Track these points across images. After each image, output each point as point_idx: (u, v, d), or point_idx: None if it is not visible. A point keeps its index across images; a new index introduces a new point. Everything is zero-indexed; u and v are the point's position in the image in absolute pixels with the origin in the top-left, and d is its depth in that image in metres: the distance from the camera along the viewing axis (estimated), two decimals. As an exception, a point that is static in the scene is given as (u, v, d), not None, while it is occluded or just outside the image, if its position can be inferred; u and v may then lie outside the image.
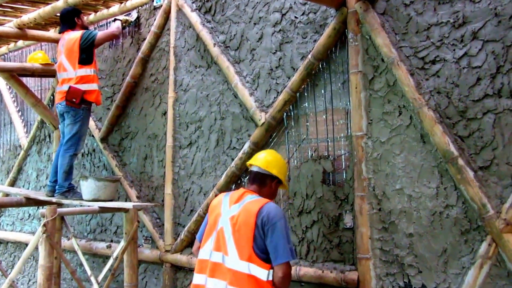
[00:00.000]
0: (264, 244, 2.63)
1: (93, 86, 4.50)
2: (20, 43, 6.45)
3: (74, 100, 4.41)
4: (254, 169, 2.96)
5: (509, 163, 2.63)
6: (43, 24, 5.60)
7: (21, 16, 5.41)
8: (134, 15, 5.00)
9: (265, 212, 2.65)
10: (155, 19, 4.79)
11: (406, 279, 2.97)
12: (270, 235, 2.61)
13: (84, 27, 4.73)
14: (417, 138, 2.98)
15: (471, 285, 2.70)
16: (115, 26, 4.73)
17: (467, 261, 2.75)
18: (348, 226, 3.26)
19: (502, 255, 2.62)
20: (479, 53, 2.76)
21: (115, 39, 4.96)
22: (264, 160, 2.94)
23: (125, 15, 5.03)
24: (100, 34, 4.56)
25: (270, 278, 2.58)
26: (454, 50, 2.85)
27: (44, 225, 3.80)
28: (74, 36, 4.52)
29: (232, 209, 2.77)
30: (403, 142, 3.03)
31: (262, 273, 2.58)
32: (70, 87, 4.43)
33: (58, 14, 5.21)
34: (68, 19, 4.66)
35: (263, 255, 2.62)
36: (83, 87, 4.45)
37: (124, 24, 4.95)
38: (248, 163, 3.07)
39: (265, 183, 2.91)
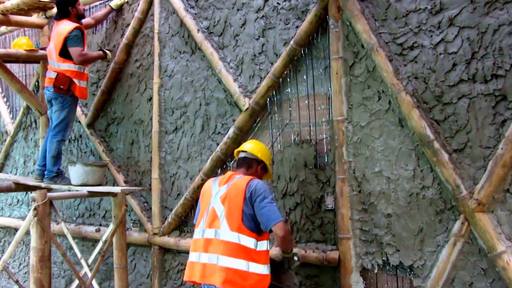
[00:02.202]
0: (253, 215, 2.88)
1: (75, 81, 4.51)
2: (3, 28, 6.39)
3: (62, 86, 4.44)
4: (242, 155, 3.24)
5: (482, 146, 2.74)
6: (26, 9, 5.55)
7: (4, 2, 5.37)
8: None
9: (253, 186, 2.94)
10: (138, 4, 4.79)
11: (384, 257, 3.11)
12: (259, 203, 2.88)
13: (80, 16, 4.65)
14: (395, 122, 3.08)
15: (445, 262, 2.84)
16: (96, 53, 4.65)
17: (441, 239, 2.88)
18: (329, 208, 3.37)
19: (474, 233, 2.75)
20: (455, 39, 2.84)
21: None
22: (250, 147, 3.23)
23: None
24: (79, 50, 4.39)
25: (259, 248, 2.86)
26: (431, 36, 2.93)
27: (35, 208, 3.87)
28: (64, 29, 4.44)
29: (221, 189, 3.04)
30: (382, 126, 3.13)
31: (250, 242, 2.85)
32: (58, 73, 4.46)
33: (45, 0, 5.22)
34: (62, 8, 4.57)
35: (251, 225, 2.88)
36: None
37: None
38: (235, 151, 3.31)
39: (251, 166, 3.19)
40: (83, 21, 4.88)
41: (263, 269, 2.85)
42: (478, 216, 2.71)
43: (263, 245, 2.90)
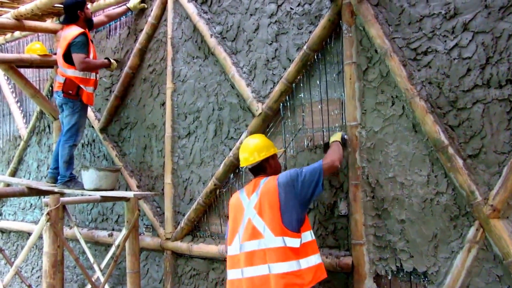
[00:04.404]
0: (294, 209, 2.88)
1: (82, 87, 4.54)
2: (17, 33, 6.47)
3: (71, 92, 4.48)
4: (248, 167, 3.20)
5: (496, 152, 2.72)
6: (40, 14, 5.63)
7: (18, 7, 5.44)
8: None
9: (281, 179, 2.96)
10: (152, 10, 4.83)
11: (398, 264, 3.09)
12: (299, 180, 2.93)
13: (88, 20, 4.65)
14: (409, 128, 3.07)
15: (459, 268, 2.81)
16: (100, 61, 4.66)
17: (456, 245, 2.86)
18: (342, 213, 3.36)
19: (489, 239, 2.73)
20: (469, 44, 2.83)
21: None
22: (249, 156, 3.17)
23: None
24: (81, 57, 4.37)
25: (304, 241, 2.88)
26: (445, 41, 2.92)
27: (48, 213, 3.90)
28: (69, 35, 4.45)
29: (252, 199, 3.01)
30: (396, 132, 3.12)
31: (295, 242, 2.85)
32: (66, 79, 4.50)
33: (57, 5, 5.25)
34: (70, 12, 4.55)
35: (293, 225, 2.87)
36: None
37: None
38: (241, 166, 3.28)
39: (265, 167, 3.17)
40: (95, 18, 4.90)
41: (316, 259, 2.88)
42: (493, 223, 2.69)
43: (306, 237, 2.91)
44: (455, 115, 2.88)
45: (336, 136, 3.27)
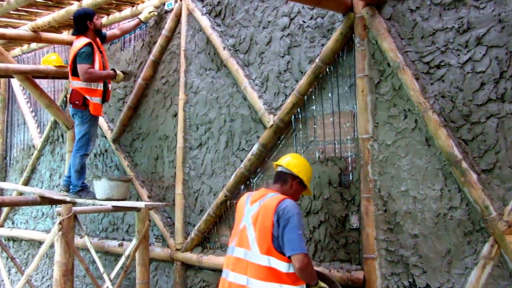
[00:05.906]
0: (281, 239, 2.79)
1: (87, 97, 4.53)
2: (34, 45, 6.57)
3: (77, 102, 4.51)
4: (278, 169, 3.16)
5: (511, 166, 2.69)
6: (57, 26, 5.72)
7: (35, 20, 5.54)
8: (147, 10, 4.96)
9: (281, 208, 2.83)
10: (166, 23, 4.89)
11: (410, 279, 3.04)
12: (283, 228, 2.78)
13: (97, 30, 4.65)
14: (422, 141, 3.05)
15: (474, 285, 2.76)
16: (105, 72, 4.57)
17: (470, 261, 2.82)
18: (354, 227, 3.33)
19: (504, 256, 2.68)
20: (483, 59, 2.82)
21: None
22: (287, 161, 3.15)
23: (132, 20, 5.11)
24: (86, 68, 4.35)
25: (291, 271, 2.76)
26: (458, 55, 2.91)
27: (60, 223, 3.92)
28: (75, 46, 4.45)
29: (253, 208, 2.98)
30: (408, 145, 3.10)
31: (282, 265, 2.76)
32: (72, 90, 4.55)
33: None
34: (79, 23, 4.55)
35: (282, 249, 2.79)
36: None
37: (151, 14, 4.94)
38: (274, 163, 3.25)
39: (286, 182, 3.09)
40: (108, 32, 4.95)
41: None
42: (508, 239, 2.64)
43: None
44: (468, 129, 2.85)
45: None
